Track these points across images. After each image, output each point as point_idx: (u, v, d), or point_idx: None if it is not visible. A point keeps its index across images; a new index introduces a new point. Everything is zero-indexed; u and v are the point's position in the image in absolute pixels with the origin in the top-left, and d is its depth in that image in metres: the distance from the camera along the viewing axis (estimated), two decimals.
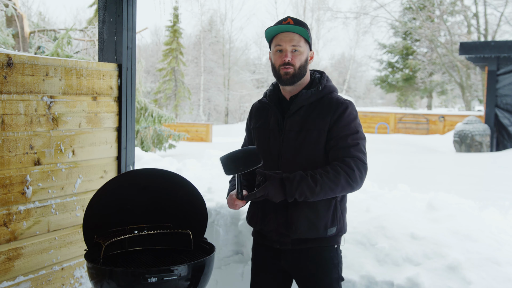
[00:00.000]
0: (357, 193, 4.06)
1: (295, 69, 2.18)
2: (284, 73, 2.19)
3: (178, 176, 2.38)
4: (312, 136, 2.18)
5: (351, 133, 2.16)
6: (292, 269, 2.29)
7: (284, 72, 2.19)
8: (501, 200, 6.21)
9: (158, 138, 15.10)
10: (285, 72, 2.19)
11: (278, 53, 2.21)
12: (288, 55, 2.17)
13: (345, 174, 2.07)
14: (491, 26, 28.02)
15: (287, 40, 2.18)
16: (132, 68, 3.28)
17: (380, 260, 2.98)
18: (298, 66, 2.19)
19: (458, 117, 23.07)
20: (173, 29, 28.83)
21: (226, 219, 3.55)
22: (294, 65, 2.18)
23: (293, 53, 2.18)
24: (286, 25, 2.17)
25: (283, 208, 2.20)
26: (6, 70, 2.50)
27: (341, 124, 2.17)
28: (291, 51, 2.18)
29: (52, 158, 2.77)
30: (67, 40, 11.28)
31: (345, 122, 2.17)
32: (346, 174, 2.07)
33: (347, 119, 2.17)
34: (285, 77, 2.20)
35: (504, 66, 14.58)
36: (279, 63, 2.20)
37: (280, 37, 2.20)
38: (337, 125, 2.17)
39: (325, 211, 2.19)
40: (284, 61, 2.18)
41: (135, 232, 2.38)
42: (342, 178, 2.07)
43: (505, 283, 2.67)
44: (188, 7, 65.47)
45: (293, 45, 2.18)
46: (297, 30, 2.17)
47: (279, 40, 2.20)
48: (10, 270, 2.59)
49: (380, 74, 35.16)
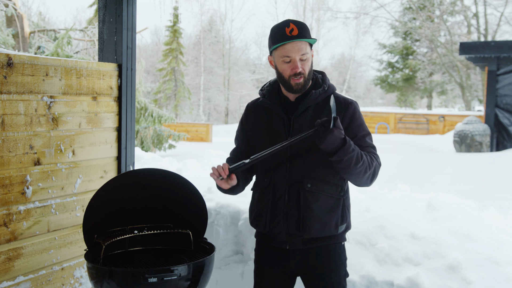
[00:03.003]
0: (357, 193, 4.06)
1: (305, 77, 2.16)
2: (295, 84, 2.16)
3: (178, 176, 2.38)
4: None
5: (367, 133, 2.24)
6: (300, 269, 2.28)
7: (295, 83, 2.16)
8: (501, 200, 6.21)
9: (158, 138, 15.10)
10: (297, 83, 2.16)
11: (287, 64, 2.16)
12: (298, 66, 2.13)
13: (377, 164, 2.17)
14: (491, 26, 28.03)
15: (295, 50, 2.12)
16: (132, 68, 3.28)
17: (380, 260, 2.98)
18: (307, 72, 2.17)
19: (458, 117, 23.07)
20: (173, 29, 28.83)
21: (226, 219, 3.55)
22: (305, 74, 2.16)
23: (301, 62, 2.15)
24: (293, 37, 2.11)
25: (294, 209, 2.19)
26: (6, 70, 2.50)
27: (356, 124, 2.21)
28: (299, 60, 2.14)
29: (52, 158, 2.77)
30: (67, 40, 11.29)
31: (359, 122, 2.23)
32: (378, 164, 2.19)
33: (360, 119, 2.24)
34: (297, 87, 2.17)
35: (504, 66, 14.58)
36: (289, 73, 2.16)
37: (287, 48, 2.13)
38: (353, 125, 2.20)
39: (336, 209, 2.21)
40: (295, 72, 2.14)
41: (135, 232, 2.38)
42: (374, 165, 2.15)
43: (505, 283, 2.67)
44: (188, 7, 65.55)
45: (301, 54, 2.14)
46: (303, 38, 2.13)
47: (287, 51, 2.13)
48: (10, 270, 2.59)
49: (380, 74, 35.17)
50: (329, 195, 2.19)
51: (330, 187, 2.19)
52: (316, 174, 2.17)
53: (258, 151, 2.28)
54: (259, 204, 2.29)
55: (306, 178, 2.17)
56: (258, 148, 2.29)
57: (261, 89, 2.35)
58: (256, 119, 2.33)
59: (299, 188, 2.18)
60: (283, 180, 2.20)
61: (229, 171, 2.13)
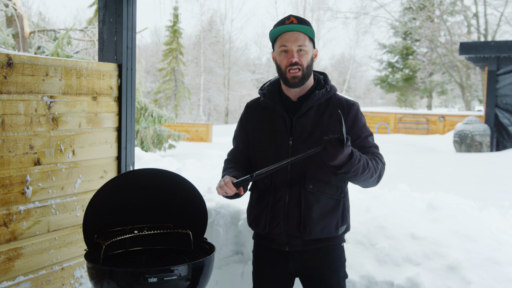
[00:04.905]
0: (357, 193, 4.06)
1: (303, 70, 2.13)
2: (291, 77, 2.14)
3: (178, 176, 2.38)
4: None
5: (369, 133, 2.23)
6: (300, 270, 2.27)
7: (291, 76, 2.14)
8: (501, 200, 6.21)
9: (158, 138, 15.11)
10: (293, 76, 2.14)
11: (284, 54, 2.15)
12: (294, 56, 2.12)
13: (382, 165, 2.17)
14: (491, 26, 28.03)
15: (292, 40, 2.12)
16: (132, 68, 3.28)
17: (380, 260, 2.98)
18: (305, 66, 2.14)
19: (458, 117, 23.07)
20: (173, 29, 28.82)
21: (226, 219, 3.55)
22: (302, 65, 2.13)
23: (299, 53, 2.13)
24: (290, 25, 2.12)
25: (295, 210, 2.18)
26: (6, 70, 2.50)
27: (359, 125, 2.21)
28: (297, 51, 2.12)
29: (52, 158, 2.77)
30: (67, 40, 11.29)
31: (362, 123, 2.22)
32: (383, 165, 2.18)
33: (362, 120, 2.24)
34: (293, 81, 2.15)
35: (504, 66, 14.58)
36: (285, 64, 2.14)
37: (285, 37, 2.14)
38: (356, 127, 2.20)
39: (336, 210, 2.20)
40: (291, 61, 2.12)
41: (135, 232, 2.38)
42: (379, 168, 2.15)
43: (505, 283, 2.67)
44: (188, 7, 65.53)
45: (298, 45, 2.12)
46: (302, 29, 2.12)
47: (284, 41, 2.13)
48: (10, 270, 2.59)
49: (380, 74, 35.17)
50: (329, 196, 2.19)
51: (330, 188, 2.19)
52: (318, 175, 2.17)
53: (257, 151, 2.28)
54: (259, 205, 2.28)
55: (308, 179, 2.16)
56: (257, 148, 2.28)
57: (261, 89, 2.33)
58: (257, 118, 2.31)
59: (301, 189, 2.17)
60: (284, 181, 2.19)
61: (235, 187, 2.11)
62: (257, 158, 2.29)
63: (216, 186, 2.16)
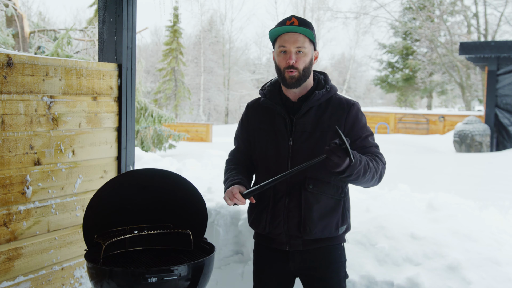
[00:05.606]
0: (357, 193, 4.06)
1: (299, 72, 2.14)
2: (289, 77, 2.15)
3: (178, 176, 2.38)
4: (327, 137, 2.16)
5: (370, 133, 2.24)
6: (300, 270, 2.27)
7: (289, 76, 2.15)
8: (501, 200, 6.21)
9: (158, 138, 15.11)
10: (290, 76, 2.14)
11: (282, 55, 2.16)
12: (292, 57, 2.12)
13: (382, 165, 2.17)
14: (491, 26, 28.03)
15: (291, 41, 2.12)
16: (132, 68, 3.28)
17: (380, 260, 2.98)
18: (302, 68, 2.14)
19: (458, 117, 23.08)
20: (173, 29, 28.83)
21: (226, 219, 3.55)
22: (298, 68, 2.14)
23: (297, 54, 2.13)
24: (291, 26, 2.12)
25: (295, 210, 2.18)
26: (6, 70, 2.50)
27: (360, 125, 2.21)
28: (295, 53, 2.13)
29: (52, 158, 2.77)
30: (67, 40, 11.29)
31: (362, 123, 2.23)
32: (383, 165, 2.17)
33: (363, 120, 2.24)
34: (290, 81, 2.15)
35: (504, 66, 14.58)
36: (283, 65, 2.15)
37: (284, 38, 2.14)
38: (356, 127, 2.20)
39: (336, 210, 2.20)
40: (289, 63, 2.13)
41: (135, 232, 2.38)
42: (380, 169, 2.15)
43: (505, 283, 2.67)
44: (188, 7, 65.59)
45: (297, 47, 2.12)
46: (302, 30, 2.12)
47: (283, 41, 2.14)
48: (10, 270, 2.59)
49: (380, 74, 35.17)
50: (330, 196, 2.19)
51: (331, 188, 2.19)
52: (318, 175, 2.17)
53: (258, 151, 2.28)
54: (259, 205, 2.28)
55: (308, 179, 2.16)
56: (258, 148, 2.29)
57: (261, 89, 2.33)
58: (258, 118, 2.31)
59: (301, 189, 2.17)
60: (284, 181, 2.19)
61: (245, 197, 2.14)
62: (258, 158, 2.30)
63: (224, 197, 2.19)
